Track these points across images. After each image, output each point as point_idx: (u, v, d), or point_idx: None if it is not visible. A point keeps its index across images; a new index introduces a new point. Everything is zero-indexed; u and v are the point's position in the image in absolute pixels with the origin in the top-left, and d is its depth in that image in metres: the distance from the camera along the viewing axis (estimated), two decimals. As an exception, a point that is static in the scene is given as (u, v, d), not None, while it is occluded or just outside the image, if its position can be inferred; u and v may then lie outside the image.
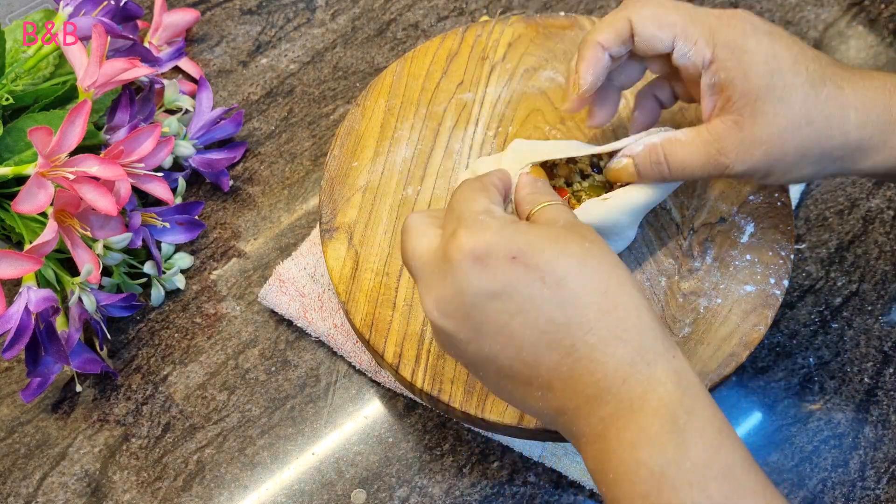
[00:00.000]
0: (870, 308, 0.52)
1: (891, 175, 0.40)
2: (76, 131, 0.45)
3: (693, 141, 0.39)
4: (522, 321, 0.31)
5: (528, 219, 0.36)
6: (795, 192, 0.56)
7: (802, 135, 0.38)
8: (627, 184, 0.43)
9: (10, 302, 0.45)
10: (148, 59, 0.54)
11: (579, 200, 0.45)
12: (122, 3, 0.54)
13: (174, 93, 0.56)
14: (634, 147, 0.41)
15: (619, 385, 0.31)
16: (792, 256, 0.47)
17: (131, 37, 0.53)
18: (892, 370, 0.50)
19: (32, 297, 0.45)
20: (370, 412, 0.49)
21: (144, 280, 0.52)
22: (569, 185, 0.46)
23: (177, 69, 0.61)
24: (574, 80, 0.41)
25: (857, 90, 0.38)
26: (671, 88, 0.45)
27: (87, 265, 0.46)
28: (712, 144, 0.39)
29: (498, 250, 0.32)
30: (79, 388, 0.49)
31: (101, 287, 0.49)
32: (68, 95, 0.53)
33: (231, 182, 0.57)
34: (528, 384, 0.32)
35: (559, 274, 0.31)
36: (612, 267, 0.32)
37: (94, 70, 0.49)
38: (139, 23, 0.58)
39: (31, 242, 0.45)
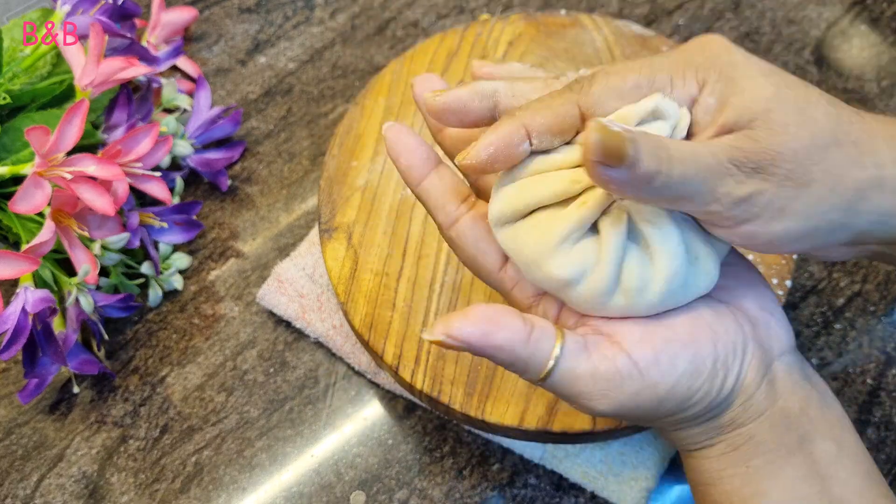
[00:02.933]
0: (872, 309, 0.52)
1: None
2: (73, 131, 0.45)
3: (701, 145, 0.29)
4: None
5: None
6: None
7: (832, 157, 0.28)
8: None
9: (7, 303, 0.45)
10: (146, 57, 0.54)
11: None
12: (119, 2, 0.53)
13: (172, 92, 0.56)
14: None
15: None
16: (794, 257, 0.47)
17: (129, 35, 0.53)
18: (894, 371, 0.50)
19: (30, 297, 0.44)
20: (369, 414, 0.49)
21: (142, 280, 0.52)
22: None
23: (175, 68, 0.61)
24: (468, 149, 0.31)
25: (878, 120, 0.30)
26: None
27: (85, 265, 0.46)
28: (723, 153, 0.28)
29: None
30: (76, 390, 0.49)
31: (98, 287, 0.49)
32: (66, 94, 0.53)
33: (229, 182, 0.57)
34: None
35: None
36: None
37: (91, 69, 0.48)
38: (137, 21, 0.57)
39: (28, 242, 0.45)
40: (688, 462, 0.34)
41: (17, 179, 0.46)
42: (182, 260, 0.53)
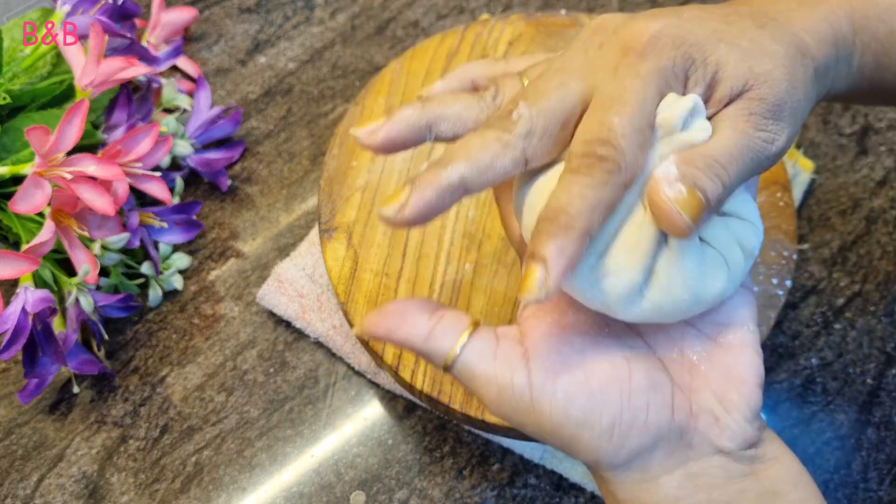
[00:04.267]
0: (872, 308, 0.52)
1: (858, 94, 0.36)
2: (73, 131, 0.45)
3: (726, 130, 0.29)
4: None
5: None
6: (798, 192, 0.55)
7: (797, 69, 0.31)
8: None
9: (7, 303, 0.45)
10: (146, 57, 0.54)
11: None
12: (119, 2, 0.53)
13: (172, 92, 0.56)
14: (666, 170, 0.29)
15: None
16: (794, 257, 0.47)
17: (129, 35, 0.53)
18: (894, 371, 0.50)
19: (30, 297, 0.44)
20: (369, 414, 0.49)
21: (142, 281, 0.52)
22: None
23: (175, 68, 0.61)
24: (395, 201, 0.29)
25: (791, 17, 0.32)
26: None
27: (85, 265, 0.46)
28: (748, 127, 0.29)
29: None
30: (76, 390, 0.49)
31: (98, 288, 0.49)
32: (66, 94, 0.53)
33: (229, 182, 0.57)
34: None
35: None
36: None
37: (91, 69, 0.48)
38: (137, 21, 0.57)
39: (28, 242, 0.45)
40: None
41: (17, 179, 0.46)
42: (182, 260, 0.53)
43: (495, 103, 0.32)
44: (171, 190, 0.54)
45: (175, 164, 0.56)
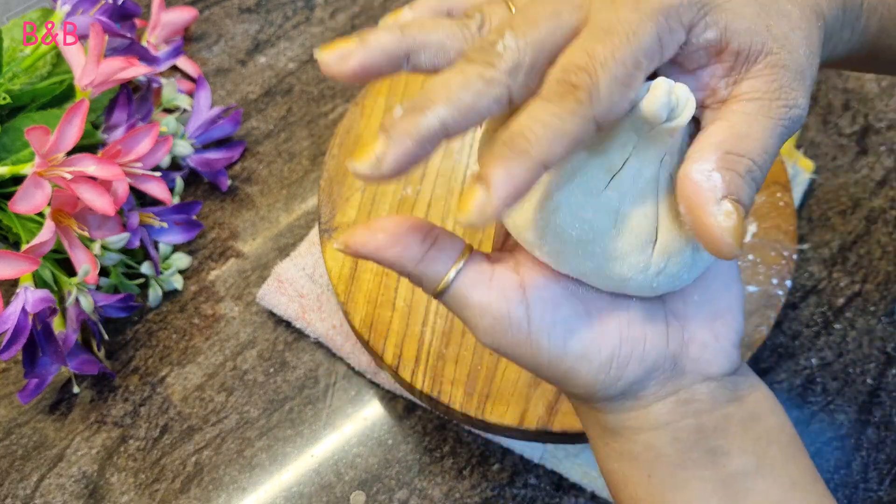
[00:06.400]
0: (872, 308, 0.52)
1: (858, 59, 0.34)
2: (73, 131, 0.45)
3: (760, 122, 0.27)
4: None
5: None
6: (798, 192, 0.55)
7: (813, 31, 0.29)
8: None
9: (7, 303, 0.45)
10: (146, 57, 0.54)
11: None
12: (119, 2, 0.53)
13: (172, 92, 0.56)
14: (709, 177, 0.26)
15: None
16: (794, 257, 0.47)
17: (129, 35, 0.53)
18: (894, 371, 0.50)
19: (30, 297, 0.44)
20: (369, 414, 0.49)
21: (142, 281, 0.52)
22: None
23: (175, 68, 0.61)
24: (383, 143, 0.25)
25: None
26: None
27: (85, 265, 0.46)
28: (776, 102, 0.27)
29: None
30: (76, 390, 0.49)
31: (98, 288, 0.49)
32: (66, 94, 0.53)
33: (229, 182, 0.57)
34: None
35: None
36: None
37: (91, 69, 0.48)
38: (137, 21, 0.57)
39: (28, 242, 0.45)
40: (596, 454, 0.33)
41: (17, 179, 0.46)
42: (182, 260, 0.53)
43: (482, 34, 0.28)
44: (171, 190, 0.54)
45: (175, 164, 0.56)
